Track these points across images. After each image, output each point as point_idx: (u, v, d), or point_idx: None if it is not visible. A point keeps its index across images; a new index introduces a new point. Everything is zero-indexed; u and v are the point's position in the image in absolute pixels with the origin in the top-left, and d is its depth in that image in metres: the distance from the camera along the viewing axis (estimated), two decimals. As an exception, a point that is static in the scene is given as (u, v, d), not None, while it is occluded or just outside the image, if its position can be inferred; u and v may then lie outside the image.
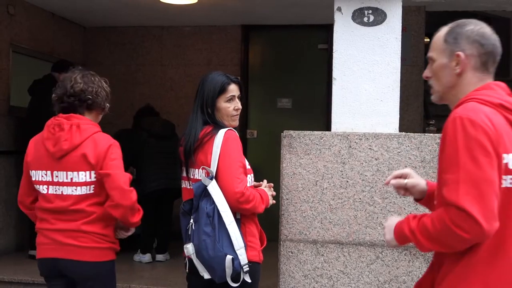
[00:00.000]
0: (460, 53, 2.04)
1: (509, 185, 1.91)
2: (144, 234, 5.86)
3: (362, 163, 3.54)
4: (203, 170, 2.90)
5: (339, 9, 3.78)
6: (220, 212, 2.81)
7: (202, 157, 2.93)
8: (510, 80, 12.14)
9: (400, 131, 3.69)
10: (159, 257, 5.93)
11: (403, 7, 3.81)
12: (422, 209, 3.47)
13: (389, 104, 3.71)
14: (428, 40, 18.65)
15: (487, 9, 8.33)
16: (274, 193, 3.10)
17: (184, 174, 3.03)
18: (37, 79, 5.90)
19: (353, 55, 3.75)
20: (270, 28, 7.18)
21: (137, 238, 6.19)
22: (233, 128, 3.09)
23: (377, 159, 3.53)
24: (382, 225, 3.52)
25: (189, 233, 2.88)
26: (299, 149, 3.60)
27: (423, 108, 6.55)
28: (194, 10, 6.36)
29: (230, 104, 3.10)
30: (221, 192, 2.83)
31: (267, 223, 5.62)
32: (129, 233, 3.24)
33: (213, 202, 2.82)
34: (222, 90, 3.07)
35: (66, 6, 6.45)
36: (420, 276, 3.49)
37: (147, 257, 5.84)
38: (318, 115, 6.86)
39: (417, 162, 3.50)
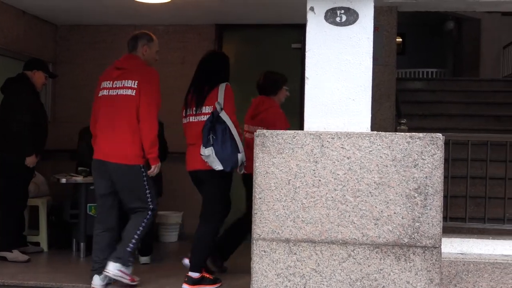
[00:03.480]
0: None
1: None
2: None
3: (334, 162, 3.57)
4: (216, 105, 4.65)
5: (312, 9, 3.80)
6: (231, 129, 4.59)
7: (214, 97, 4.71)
8: (481, 80, 12.32)
9: (372, 130, 3.72)
10: (143, 259, 5.83)
11: (375, 7, 3.84)
12: (394, 207, 3.52)
13: (361, 104, 3.74)
14: (400, 40, 18.83)
15: (457, 10, 8.44)
16: None
17: (193, 112, 4.86)
18: (10, 78, 5.83)
19: (326, 54, 3.77)
20: (244, 27, 7.19)
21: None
22: None
23: (349, 158, 3.56)
24: (354, 223, 3.55)
25: (211, 142, 4.56)
26: (272, 148, 3.62)
27: (395, 108, 6.62)
28: (167, 9, 6.33)
29: None
30: (229, 118, 4.61)
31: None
32: None
33: (225, 123, 4.58)
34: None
35: (38, 4, 6.38)
36: (392, 273, 3.53)
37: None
38: (292, 114, 6.87)
39: (388, 160, 3.53)
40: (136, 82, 4.63)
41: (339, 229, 3.56)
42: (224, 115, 4.62)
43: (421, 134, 3.55)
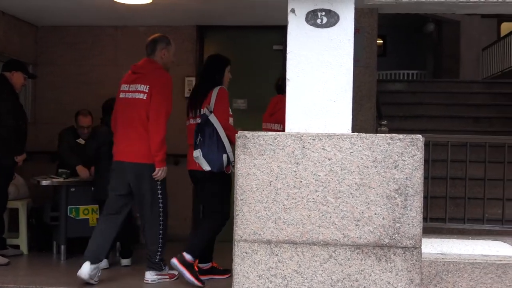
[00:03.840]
0: None
1: None
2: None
3: (316, 163, 3.58)
4: (205, 108, 4.89)
5: (293, 10, 3.81)
6: (218, 131, 4.79)
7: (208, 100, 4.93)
8: (460, 82, 12.42)
9: (353, 131, 3.74)
10: (124, 261, 5.78)
11: (356, 9, 3.86)
12: (374, 208, 3.54)
13: (342, 105, 3.76)
14: (381, 41, 18.93)
15: (437, 12, 8.51)
16: None
17: (192, 115, 5.11)
18: (-12, 78, 5.79)
19: (307, 56, 3.78)
20: (225, 29, 7.19)
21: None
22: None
23: (330, 159, 3.57)
24: (335, 224, 3.56)
25: (197, 143, 4.82)
26: (254, 150, 3.62)
27: (375, 109, 6.65)
28: (148, 10, 6.31)
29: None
30: (217, 120, 4.82)
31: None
32: None
33: (213, 125, 4.81)
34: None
35: (17, 4, 6.32)
36: (373, 274, 3.55)
37: (103, 263, 5.64)
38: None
39: (369, 162, 3.55)
40: (148, 86, 4.86)
41: (320, 230, 3.58)
42: (213, 118, 4.84)
43: (401, 136, 3.58)
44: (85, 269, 4.84)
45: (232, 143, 4.70)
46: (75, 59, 7.35)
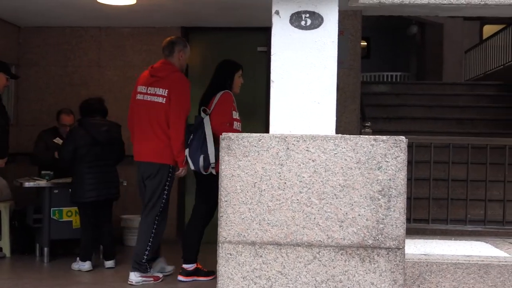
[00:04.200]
0: None
1: None
2: (84, 239, 5.71)
3: (300, 165, 3.59)
4: (202, 111, 5.04)
5: (277, 12, 3.82)
6: (206, 133, 4.91)
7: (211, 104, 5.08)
8: (443, 84, 12.49)
9: (337, 133, 3.75)
10: (107, 263, 5.75)
11: (340, 11, 3.87)
12: (358, 209, 3.55)
13: (326, 107, 3.77)
14: (365, 43, 18.98)
15: (421, 15, 8.57)
16: None
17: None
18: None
19: (291, 58, 3.79)
20: (210, 30, 7.19)
21: (76, 244, 6.07)
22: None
23: (314, 161, 3.58)
24: (319, 225, 3.57)
25: (188, 142, 4.97)
26: (238, 151, 3.62)
27: (359, 111, 6.69)
28: (132, 11, 6.30)
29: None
30: (209, 123, 4.95)
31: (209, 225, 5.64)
32: None
33: (203, 128, 4.93)
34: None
35: None
36: (356, 275, 3.57)
37: (87, 265, 5.62)
38: (258, 117, 6.91)
39: (352, 163, 3.57)
40: (167, 90, 5.07)
41: (305, 232, 3.58)
42: (206, 120, 4.99)
43: (384, 137, 3.60)
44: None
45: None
46: (58, 60, 7.31)
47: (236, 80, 5.34)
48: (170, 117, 5.03)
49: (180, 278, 5.18)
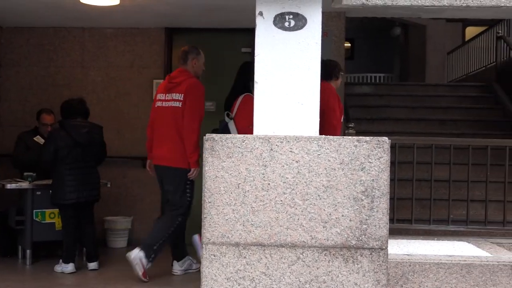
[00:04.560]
0: None
1: None
2: (66, 241, 5.67)
3: (283, 166, 3.60)
4: (226, 115, 5.20)
5: (261, 13, 3.82)
6: None
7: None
8: (426, 85, 12.55)
9: (320, 134, 3.77)
10: (91, 265, 5.71)
11: (323, 12, 3.89)
12: (341, 210, 3.57)
13: (309, 108, 3.78)
14: (349, 45, 19.00)
15: (404, 16, 8.62)
16: None
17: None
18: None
19: (275, 59, 3.80)
20: (194, 31, 7.18)
21: (58, 246, 6.03)
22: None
23: (297, 162, 3.59)
24: (303, 226, 3.58)
25: None
26: (221, 152, 3.62)
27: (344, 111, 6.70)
28: (116, 11, 6.27)
29: None
30: (235, 127, 5.06)
31: (190, 226, 5.63)
32: None
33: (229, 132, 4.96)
34: None
35: (-20, 4, 6.22)
36: (340, 275, 3.58)
37: (70, 267, 5.58)
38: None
39: (336, 164, 3.58)
40: (182, 95, 5.31)
41: (288, 232, 3.59)
42: (231, 125, 5.16)
43: (367, 138, 3.61)
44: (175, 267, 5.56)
45: None
46: (41, 61, 7.25)
47: None
48: (184, 119, 5.25)
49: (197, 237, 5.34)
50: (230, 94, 5.42)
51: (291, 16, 3.81)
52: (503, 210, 4.86)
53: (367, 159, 3.59)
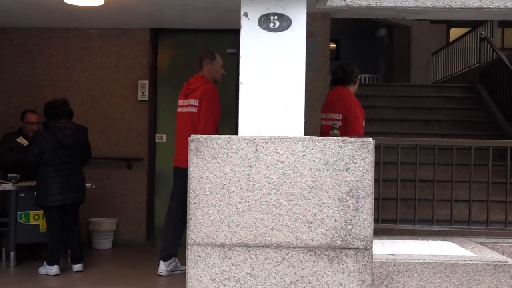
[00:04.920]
0: None
1: None
2: (50, 243, 5.63)
3: (268, 166, 3.60)
4: None
5: (246, 14, 3.82)
6: None
7: None
8: (411, 86, 12.61)
9: (306, 134, 3.77)
10: (75, 267, 5.67)
11: (308, 13, 3.90)
12: (326, 211, 3.58)
13: (294, 108, 3.79)
14: (335, 46, 19.02)
15: (388, 17, 8.67)
16: None
17: None
18: None
19: (259, 60, 3.80)
20: (179, 32, 7.17)
21: (43, 248, 5.99)
22: None
23: (282, 162, 3.59)
24: (288, 227, 3.59)
25: None
26: (206, 153, 3.62)
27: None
28: (100, 12, 6.24)
29: None
30: None
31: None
32: None
33: None
34: None
35: (-36, 5, 6.16)
36: (325, 275, 3.59)
37: (54, 269, 5.54)
38: (227, 119, 6.89)
39: (321, 164, 3.59)
40: (197, 100, 5.49)
41: (274, 233, 3.59)
42: None
43: (352, 138, 3.63)
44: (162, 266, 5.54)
45: None
46: (25, 62, 7.20)
47: None
48: (200, 123, 5.42)
49: None
50: None
51: (275, 17, 3.82)
52: (486, 210, 4.89)
53: (352, 159, 3.60)
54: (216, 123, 5.50)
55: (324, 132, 5.50)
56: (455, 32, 14.31)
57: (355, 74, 5.74)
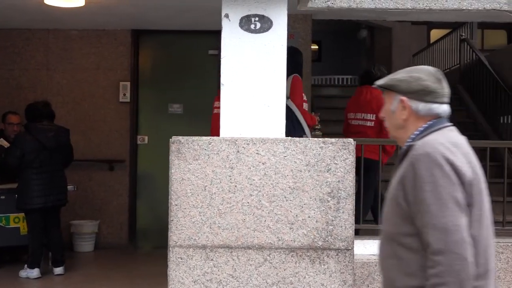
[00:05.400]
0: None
1: None
2: (32, 246, 5.58)
3: (250, 168, 3.60)
4: None
5: (227, 16, 3.82)
6: (296, 114, 4.98)
7: None
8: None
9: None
10: (57, 270, 5.62)
11: (290, 15, 3.91)
12: (308, 211, 3.59)
13: (275, 110, 3.80)
14: (316, 47, 19.01)
15: (369, 19, 8.72)
16: None
17: None
18: None
19: (241, 61, 3.80)
20: (161, 33, 7.15)
21: (23, 251, 5.94)
22: None
23: (264, 164, 3.60)
24: (270, 228, 3.59)
25: None
26: (188, 155, 3.61)
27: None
28: (81, 13, 6.20)
29: None
30: (294, 105, 4.97)
31: (156, 229, 5.61)
32: None
33: (291, 110, 4.86)
34: None
35: None
36: (307, 276, 3.60)
37: (35, 272, 5.50)
38: (209, 120, 6.88)
39: (302, 165, 3.60)
40: None
41: (255, 234, 3.60)
42: (290, 103, 4.99)
43: (333, 140, 3.64)
44: None
45: (308, 126, 5.05)
46: (5, 63, 7.14)
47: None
48: None
49: None
50: None
51: (256, 18, 3.82)
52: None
53: (333, 160, 3.62)
54: None
55: (356, 132, 5.55)
56: (435, 34, 14.41)
57: (386, 75, 5.82)
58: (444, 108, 2.14)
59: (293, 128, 5.07)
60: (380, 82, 2.21)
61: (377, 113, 5.42)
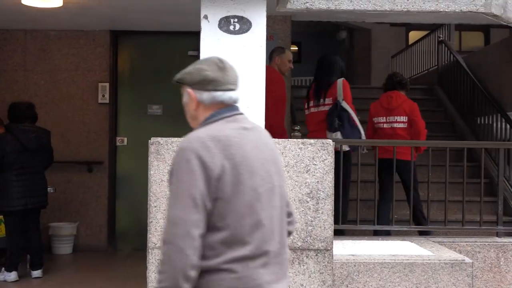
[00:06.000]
0: None
1: None
2: (10, 249, 5.51)
3: (229, 169, 3.59)
4: (338, 97, 5.44)
5: (206, 17, 3.82)
6: (352, 115, 5.41)
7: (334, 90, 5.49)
8: (371, 88, 12.76)
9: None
10: (35, 273, 5.56)
11: (269, 16, 3.92)
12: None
13: (255, 111, 3.80)
14: (296, 48, 19.02)
15: (348, 20, 8.77)
16: None
17: (315, 104, 5.60)
18: None
19: (220, 62, 3.79)
20: (140, 34, 7.11)
21: (1, 253, 5.87)
22: None
23: (243, 165, 3.59)
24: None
25: (336, 126, 5.31)
26: (167, 156, 3.60)
27: (290, 114, 6.76)
28: (59, 14, 6.15)
29: None
30: (349, 106, 5.40)
31: (136, 231, 5.58)
32: None
33: (347, 111, 5.38)
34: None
35: None
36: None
37: (13, 276, 5.43)
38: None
39: (281, 166, 3.61)
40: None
41: (235, 235, 3.59)
42: (345, 105, 5.38)
43: (312, 140, 3.66)
44: None
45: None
46: (-19, 64, 7.06)
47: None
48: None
49: None
50: (323, 80, 5.60)
51: (236, 20, 3.83)
52: (444, 210, 4.98)
53: (312, 161, 3.63)
54: (284, 105, 5.57)
55: (388, 134, 5.76)
56: (414, 35, 14.52)
57: (408, 81, 6.28)
58: (229, 95, 2.21)
59: (350, 129, 5.34)
60: (175, 77, 2.30)
61: (409, 115, 5.75)
